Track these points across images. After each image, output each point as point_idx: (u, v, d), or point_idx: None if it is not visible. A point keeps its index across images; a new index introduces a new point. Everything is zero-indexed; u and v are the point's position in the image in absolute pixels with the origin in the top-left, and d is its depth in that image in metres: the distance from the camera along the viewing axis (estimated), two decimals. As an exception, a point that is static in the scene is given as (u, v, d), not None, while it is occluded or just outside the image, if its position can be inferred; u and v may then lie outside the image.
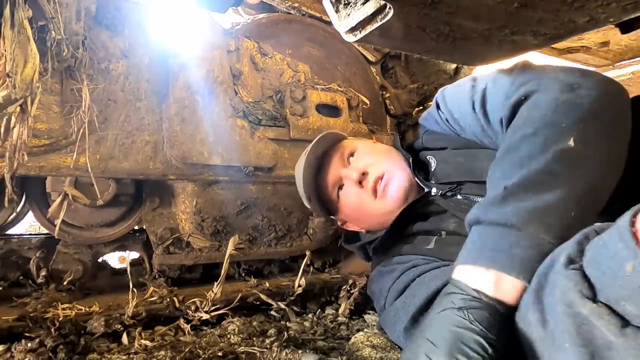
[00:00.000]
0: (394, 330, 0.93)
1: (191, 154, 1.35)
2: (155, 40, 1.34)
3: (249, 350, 0.93)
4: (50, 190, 1.35)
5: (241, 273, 1.70)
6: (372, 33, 0.70)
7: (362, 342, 0.96)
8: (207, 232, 1.50)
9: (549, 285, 0.53)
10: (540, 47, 0.81)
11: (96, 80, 1.21)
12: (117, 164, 1.26)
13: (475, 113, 0.90)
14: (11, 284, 1.38)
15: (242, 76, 1.53)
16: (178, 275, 1.56)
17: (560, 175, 0.65)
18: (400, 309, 0.91)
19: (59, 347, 0.92)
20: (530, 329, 0.55)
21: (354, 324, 1.21)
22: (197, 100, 1.37)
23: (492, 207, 0.67)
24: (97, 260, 1.50)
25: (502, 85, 0.84)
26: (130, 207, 1.50)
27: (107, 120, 1.25)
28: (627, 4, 0.63)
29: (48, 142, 1.15)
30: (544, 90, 0.75)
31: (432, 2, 0.61)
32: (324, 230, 1.71)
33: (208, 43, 1.43)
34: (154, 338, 1.06)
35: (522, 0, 0.62)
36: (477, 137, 0.96)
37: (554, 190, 0.63)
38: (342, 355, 0.89)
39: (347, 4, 0.66)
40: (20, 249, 1.41)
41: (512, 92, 0.80)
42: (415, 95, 1.98)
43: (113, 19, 1.27)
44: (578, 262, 0.51)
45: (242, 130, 1.45)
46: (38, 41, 0.97)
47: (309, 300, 1.40)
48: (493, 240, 0.64)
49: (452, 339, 0.57)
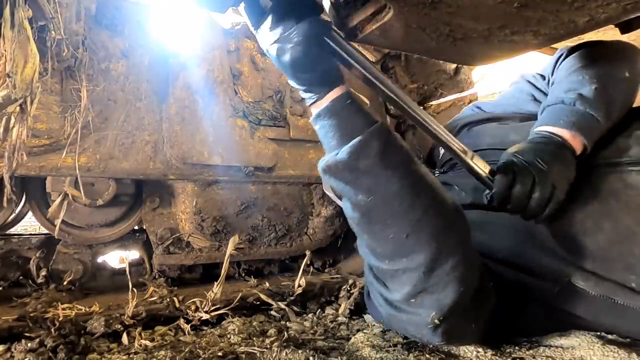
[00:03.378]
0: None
1: (191, 154, 1.35)
2: (155, 40, 1.34)
3: (249, 350, 0.93)
4: (50, 190, 1.35)
5: (241, 273, 1.70)
6: (372, 33, 0.70)
7: (362, 342, 0.96)
8: (207, 232, 1.50)
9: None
10: (540, 47, 0.82)
11: (96, 80, 1.21)
12: (117, 164, 1.26)
13: (517, 84, 1.19)
14: (11, 284, 1.38)
15: (242, 76, 1.53)
16: (178, 275, 1.56)
17: (614, 88, 0.90)
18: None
19: (59, 347, 0.92)
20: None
21: (354, 324, 1.21)
22: (197, 100, 1.37)
23: (557, 95, 0.93)
24: (97, 260, 1.50)
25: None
26: (130, 207, 1.50)
27: (107, 120, 1.25)
28: (627, 4, 0.63)
29: (48, 142, 1.15)
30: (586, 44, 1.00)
31: (432, 2, 0.61)
32: (324, 230, 1.71)
33: (208, 43, 1.43)
34: (154, 338, 1.06)
35: (522, 0, 0.62)
36: (516, 105, 1.16)
37: (600, 82, 0.89)
38: (342, 355, 0.89)
39: (347, 4, 0.66)
40: (20, 249, 1.41)
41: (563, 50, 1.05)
42: (415, 95, 1.98)
43: (113, 19, 1.27)
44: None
45: (242, 130, 1.45)
46: (38, 41, 0.97)
47: (309, 300, 1.40)
48: (552, 112, 0.91)
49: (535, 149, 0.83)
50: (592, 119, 0.86)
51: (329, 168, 0.75)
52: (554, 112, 0.90)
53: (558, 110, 0.90)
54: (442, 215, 0.74)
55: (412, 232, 0.72)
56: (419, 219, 0.72)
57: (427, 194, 0.74)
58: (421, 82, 1.98)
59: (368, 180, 0.73)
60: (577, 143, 0.84)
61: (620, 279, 0.80)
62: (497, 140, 1.05)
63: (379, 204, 0.73)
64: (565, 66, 1.00)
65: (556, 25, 0.71)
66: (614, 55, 0.96)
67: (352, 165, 0.73)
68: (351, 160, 0.72)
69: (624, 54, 0.96)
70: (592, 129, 0.86)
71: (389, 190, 0.72)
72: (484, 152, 1.04)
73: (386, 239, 0.75)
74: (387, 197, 0.73)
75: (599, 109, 0.86)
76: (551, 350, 0.84)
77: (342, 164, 0.73)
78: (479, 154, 0.92)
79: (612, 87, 0.90)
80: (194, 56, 1.39)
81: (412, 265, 0.73)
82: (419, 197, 0.73)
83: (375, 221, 0.75)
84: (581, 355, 0.79)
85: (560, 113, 0.89)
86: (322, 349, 0.96)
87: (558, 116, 0.88)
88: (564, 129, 0.85)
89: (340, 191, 0.78)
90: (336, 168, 0.74)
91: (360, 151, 0.72)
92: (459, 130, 1.20)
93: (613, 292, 0.80)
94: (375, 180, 0.73)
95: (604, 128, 0.87)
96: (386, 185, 0.72)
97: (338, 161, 0.73)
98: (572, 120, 0.85)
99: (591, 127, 0.86)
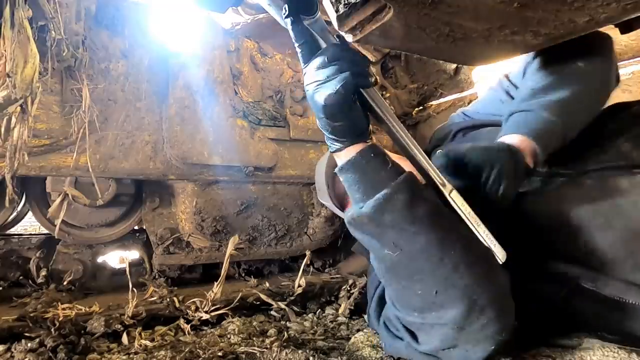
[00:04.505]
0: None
1: (191, 154, 1.35)
2: (155, 40, 1.34)
3: (249, 350, 0.93)
4: (50, 190, 1.35)
5: (241, 273, 1.70)
6: (372, 33, 0.70)
7: (362, 342, 0.96)
8: (207, 232, 1.50)
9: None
10: (540, 47, 0.82)
11: (96, 81, 1.21)
12: (117, 164, 1.26)
13: (493, 89, 1.17)
14: (11, 284, 1.38)
15: (242, 76, 1.53)
16: (178, 275, 1.56)
17: (570, 82, 0.91)
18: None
19: (59, 347, 0.92)
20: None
21: (354, 324, 1.21)
22: (197, 100, 1.37)
23: (519, 103, 0.93)
24: (97, 260, 1.50)
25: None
26: (130, 207, 1.50)
27: (107, 120, 1.25)
28: (627, 4, 0.63)
29: (48, 142, 1.15)
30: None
31: (432, 2, 0.61)
32: (323, 230, 1.71)
33: (208, 43, 1.43)
34: (154, 338, 1.06)
35: (522, 0, 0.62)
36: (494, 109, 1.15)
37: (565, 90, 0.89)
38: (342, 355, 0.89)
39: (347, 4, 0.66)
40: (20, 249, 1.41)
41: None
42: (415, 95, 1.98)
43: (113, 19, 1.27)
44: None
45: (242, 130, 1.45)
46: (38, 41, 0.97)
47: (309, 300, 1.40)
48: (519, 120, 0.90)
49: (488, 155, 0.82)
50: (547, 122, 0.86)
51: (354, 221, 0.75)
52: (514, 122, 0.91)
53: (517, 120, 0.91)
54: (474, 270, 0.70)
55: (442, 289, 0.69)
56: (448, 276, 0.69)
57: (457, 248, 0.70)
58: (421, 82, 1.97)
59: (394, 235, 0.71)
60: (527, 146, 0.84)
61: (630, 277, 0.79)
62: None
63: (405, 259, 0.71)
64: (529, 70, 1.02)
65: (556, 25, 0.71)
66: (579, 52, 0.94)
67: (377, 219, 0.71)
68: (376, 214, 0.71)
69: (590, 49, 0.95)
70: (548, 131, 0.86)
71: (415, 245, 0.70)
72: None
73: (414, 294, 0.73)
74: (414, 253, 0.70)
75: (554, 113, 0.86)
76: (551, 350, 0.85)
77: (367, 218, 0.72)
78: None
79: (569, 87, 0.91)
80: (194, 56, 1.39)
81: (441, 322, 0.71)
82: (447, 253, 0.69)
83: (402, 276, 0.74)
84: (581, 355, 0.79)
85: (519, 122, 0.90)
86: (322, 349, 0.96)
87: (517, 125, 0.89)
88: (519, 135, 0.86)
89: (366, 244, 0.77)
90: (361, 221, 0.73)
91: (385, 205, 0.70)
92: (453, 135, 1.21)
93: (623, 292, 0.79)
94: (401, 235, 0.71)
95: (561, 131, 0.87)
96: (413, 240, 0.70)
97: (363, 215, 0.72)
98: (531, 128, 0.86)
99: (547, 130, 0.86)
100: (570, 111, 0.88)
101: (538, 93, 0.92)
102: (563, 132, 0.86)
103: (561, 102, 0.88)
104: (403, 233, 0.70)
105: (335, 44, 0.73)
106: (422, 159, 0.77)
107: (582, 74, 0.93)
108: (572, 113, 0.89)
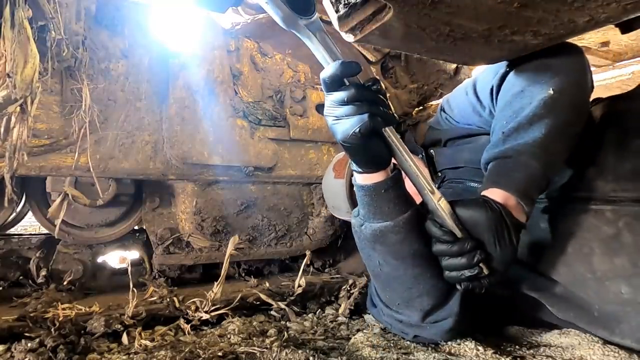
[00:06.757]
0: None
1: (191, 154, 1.35)
2: (155, 40, 1.34)
3: (249, 350, 0.93)
4: (50, 190, 1.35)
5: (241, 273, 1.70)
6: (372, 33, 0.70)
7: (362, 342, 0.96)
8: (207, 232, 1.50)
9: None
10: (540, 47, 0.81)
11: (96, 80, 1.21)
12: (117, 164, 1.26)
13: (467, 96, 1.08)
14: (11, 284, 1.38)
15: (242, 76, 1.53)
16: (178, 275, 1.56)
17: (543, 116, 0.83)
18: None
19: (59, 347, 0.91)
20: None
21: (354, 324, 1.21)
22: (197, 100, 1.37)
23: (494, 148, 0.88)
24: (97, 260, 1.50)
25: (489, 70, 1.02)
26: (130, 207, 1.50)
27: (107, 120, 1.25)
28: (627, 4, 0.63)
29: (48, 142, 1.15)
30: (523, 61, 0.91)
31: (432, 2, 0.61)
32: (323, 230, 1.71)
33: (208, 43, 1.43)
34: (154, 338, 1.06)
35: (522, 0, 0.62)
36: (468, 119, 1.12)
37: (539, 128, 0.83)
38: (342, 355, 0.89)
39: (347, 4, 0.66)
40: (20, 249, 1.41)
41: (498, 69, 0.97)
42: (415, 95, 1.98)
43: (113, 19, 1.27)
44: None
45: (242, 130, 1.45)
46: (38, 41, 0.97)
47: (309, 300, 1.40)
48: (500, 171, 0.85)
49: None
50: (527, 168, 0.81)
51: (354, 226, 0.89)
52: (493, 174, 0.86)
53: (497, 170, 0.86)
54: (433, 294, 0.86)
55: (404, 303, 0.89)
56: (412, 298, 0.87)
57: (426, 281, 0.85)
58: (421, 82, 1.97)
59: (380, 259, 0.86)
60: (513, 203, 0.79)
61: (585, 305, 0.84)
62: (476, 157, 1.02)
63: (384, 274, 0.89)
64: (500, 98, 0.95)
65: (556, 25, 0.71)
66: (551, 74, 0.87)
67: (371, 243, 0.85)
68: (371, 239, 0.85)
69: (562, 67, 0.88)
70: (529, 179, 0.81)
71: (394, 272, 0.86)
72: (463, 168, 1.13)
73: (386, 293, 0.94)
74: (392, 276, 0.88)
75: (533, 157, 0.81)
76: (551, 350, 0.85)
77: (363, 235, 0.86)
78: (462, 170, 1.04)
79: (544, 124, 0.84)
80: (194, 56, 1.39)
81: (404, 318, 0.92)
82: (416, 285, 0.85)
83: (380, 279, 0.92)
84: (581, 355, 0.79)
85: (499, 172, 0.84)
86: (322, 349, 0.96)
87: (497, 175, 0.84)
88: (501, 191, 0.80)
89: (358, 247, 0.92)
90: (360, 233, 0.87)
91: (379, 237, 0.82)
92: (444, 143, 1.23)
93: (578, 319, 0.84)
94: (386, 261, 0.86)
95: (542, 175, 0.82)
96: (394, 268, 0.86)
97: (361, 231, 0.86)
98: (513, 182, 0.80)
99: (528, 179, 0.81)
100: (548, 151, 0.82)
101: (513, 134, 0.85)
102: (544, 174, 0.81)
103: (538, 143, 0.82)
104: (388, 261, 0.85)
105: (358, 85, 0.71)
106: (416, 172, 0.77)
107: (554, 104, 0.84)
108: (551, 153, 0.83)
